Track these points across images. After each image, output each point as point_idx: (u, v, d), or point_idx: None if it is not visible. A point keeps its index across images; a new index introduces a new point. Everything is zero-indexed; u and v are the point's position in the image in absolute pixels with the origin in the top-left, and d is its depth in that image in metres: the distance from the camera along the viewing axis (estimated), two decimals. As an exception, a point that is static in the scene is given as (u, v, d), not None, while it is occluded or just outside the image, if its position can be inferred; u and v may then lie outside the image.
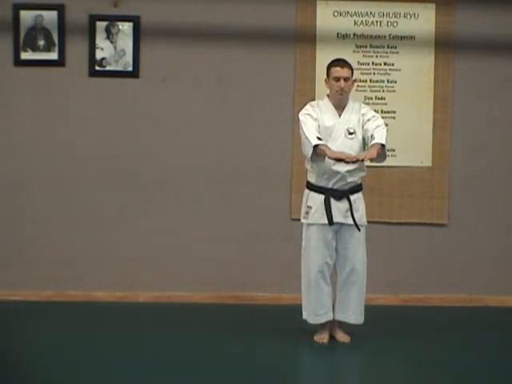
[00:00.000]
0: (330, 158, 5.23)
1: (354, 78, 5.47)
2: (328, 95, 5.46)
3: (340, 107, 5.41)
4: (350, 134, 5.38)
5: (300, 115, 5.42)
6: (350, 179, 5.38)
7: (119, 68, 6.39)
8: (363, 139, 5.40)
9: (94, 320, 5.95)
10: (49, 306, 6.28)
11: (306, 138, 5.30)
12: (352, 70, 5.41)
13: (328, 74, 5.43)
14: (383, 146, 5.29)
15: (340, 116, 5.40)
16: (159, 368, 4.90)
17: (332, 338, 5.50)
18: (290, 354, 5.30)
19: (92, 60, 6.36)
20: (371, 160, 5.29)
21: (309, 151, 5.28)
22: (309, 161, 5.36)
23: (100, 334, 5.61)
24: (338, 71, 5.37)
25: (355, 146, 5.38)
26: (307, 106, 5.45)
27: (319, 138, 5.28)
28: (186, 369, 4.92)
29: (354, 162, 5.25)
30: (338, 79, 5.36)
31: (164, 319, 6.00)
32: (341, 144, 5.35)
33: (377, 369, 5.10)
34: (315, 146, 5.24)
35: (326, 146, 5.26)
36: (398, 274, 6.52)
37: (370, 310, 5.56)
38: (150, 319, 5.99)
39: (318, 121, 5.36)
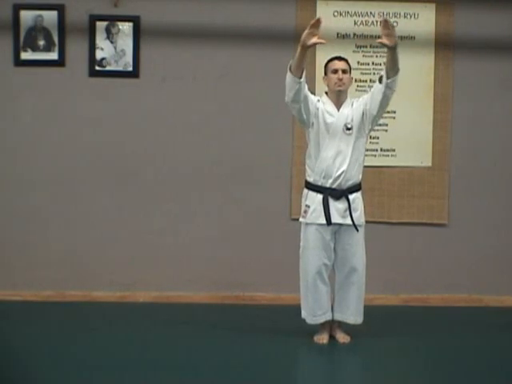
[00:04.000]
0: (307, 37, 5.05)
1: (351, 76, 5.45)
2: (326, 92, 5.45)
3: (339, 103, 5.39)
4: (348, 129, 5.36)
5: None
6: (348, 175, 5.35)
7: (119, 68, 6.39)
8: (363, 116, 5.35)
9: (94, 320, 5.95)
10: (49, 306, 6.28)
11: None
12: (349, 65, 5.41)
13: (326, 71, 5.42)
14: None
15: (339, 111, 5.39)
16: (159, 368, 4.90)
17: (332, 338, 5.50)
18: (290, 354, 5.30)
19: (92, 60, 6.36)
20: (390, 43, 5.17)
21: (288, 68, 5.20)
22: (292, 80, 5.21)
23: (100, 334, 5.60)
24: (335, 64, 5.37)
25: (352, 142, 5.36)
26: None
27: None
28: (185, 369, 4.91)
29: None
30: (335, 71, 5.35)
31: (164, 319, 6.00)
32: (339, 140, 5.35)
33: (377, 369, 5.10)
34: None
35: None
36: (397, 274, 6.52)
37: (370, 310, 5.56)
38: (150, 319, 5.99)
39: (316, 106, 5.33)
